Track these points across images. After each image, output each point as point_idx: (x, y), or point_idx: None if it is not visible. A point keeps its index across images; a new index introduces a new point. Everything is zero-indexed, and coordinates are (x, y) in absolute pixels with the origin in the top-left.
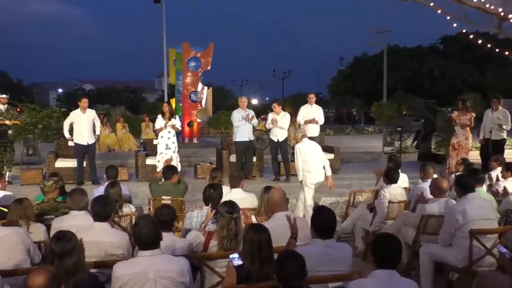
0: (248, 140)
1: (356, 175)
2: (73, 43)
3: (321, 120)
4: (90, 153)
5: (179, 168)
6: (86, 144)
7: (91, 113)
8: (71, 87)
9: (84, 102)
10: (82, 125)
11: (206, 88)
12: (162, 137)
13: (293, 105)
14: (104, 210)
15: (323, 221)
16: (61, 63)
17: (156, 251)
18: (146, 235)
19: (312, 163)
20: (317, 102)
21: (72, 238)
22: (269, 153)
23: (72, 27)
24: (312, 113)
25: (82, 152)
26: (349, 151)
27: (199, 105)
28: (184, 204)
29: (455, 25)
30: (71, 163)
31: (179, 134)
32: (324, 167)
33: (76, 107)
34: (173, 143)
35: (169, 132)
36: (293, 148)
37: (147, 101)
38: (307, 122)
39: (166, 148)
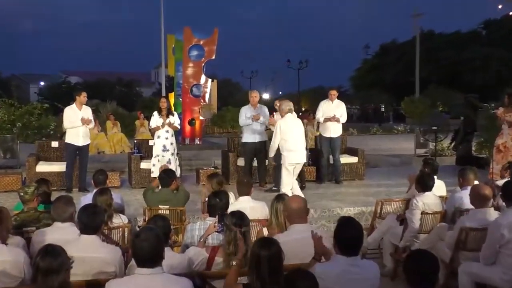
0: (257, 141)
1: (384, 181)
2: (58, 30)
3: (344, 117)
4: (83, 155)
5: (178, 173)
6: (79, 145)
7: (88, 110)
8: (54, 79)
9: (84, 96)
10: (78, 123)
11: (210, 80)
12: (159, 137)
13: (310, 100)
14: (93, 221)
15: (349, 235)
16: (44, 53)
17: (157, 270)
18: (146, 249)
19: (294, 141)
20: (338, 97)
21: (61, 254)
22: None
23: (57, 11)
24: (333, 109)
25: (74, 154)
26: (376, 154)
27: (202, 101)
28: (184, 214)
29: (500, 6)
30: (55, 167)
31: (178, 133)
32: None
33: (63, 102)
34: (172, 144)
35: (167, 131)
36: (311, 151)
37: (143, 96)
38: (327, 120)
39: (164, 150)
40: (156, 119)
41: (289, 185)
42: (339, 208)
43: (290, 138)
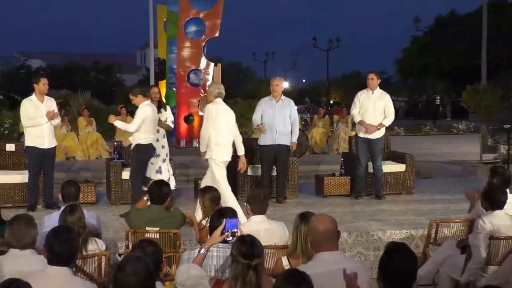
0: (278, 143)
1: (440, 196)
2: (17, 1)
3: (390, 116)
4: (49, 162)
5: (172, 185)
6: (45, 148)
7: (51, 103)
8: (10, 64)
9: (44, 84)
10: (41, 119)
11: (212, 65)
12: None
13: (343, 90)
14: (68, 249)
15: (399, 268)
16: None
17: None
18: (134, 286)
19: (224, 133)
20: (381, 87)
21: None
22: (306, 164)
23: None
24: (373, 102)
25: (39, 160)
26: (429, 160)
27: (202, 91)
28: (179, 239)
29: None
30: (11, 176)
31: (172, 134)
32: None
33: (22, 93)
34: (163, 147)
35: (158, 131)
36: (343, 156)
37: (125, 85)
38: (363, 123)
39: (153, 155)
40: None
41: (227, 185)
42: (380, 231)
43: (221, 128)
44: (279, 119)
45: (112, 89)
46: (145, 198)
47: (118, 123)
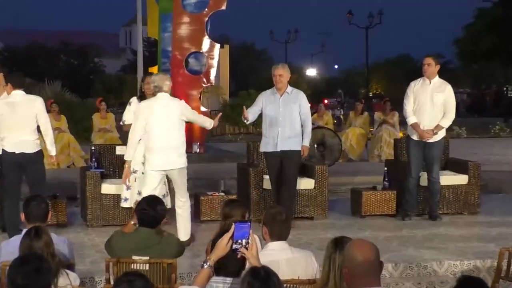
0: (281, 150)
1: None
2: None
3: (449, 115)
4: None
5: (167, 203)
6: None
7: None
8: None
9: None
10: None
11: (218, 46)
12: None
13: (387, 78)
14: (36, 283)
15: None
16: None
17: None
18: None
19: (162, 137)
20: (440, 75)
21: None
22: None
23: None
24: (430, 95)
25: None
26: (499, 170)
27: (205, 80)
28: (175, 271)
29: None
30: None
31: None
32: None
33: None
34: None
35: None
36: (388, 164)
37: (104, 72)
38: (425, 134)
39: (144, 163)
40: (135, 111)
41: None
42: (435, 262)
43: (157, 131)
44: (283, 118)
45: (88, 77)
46: (132, 222)
47: None
